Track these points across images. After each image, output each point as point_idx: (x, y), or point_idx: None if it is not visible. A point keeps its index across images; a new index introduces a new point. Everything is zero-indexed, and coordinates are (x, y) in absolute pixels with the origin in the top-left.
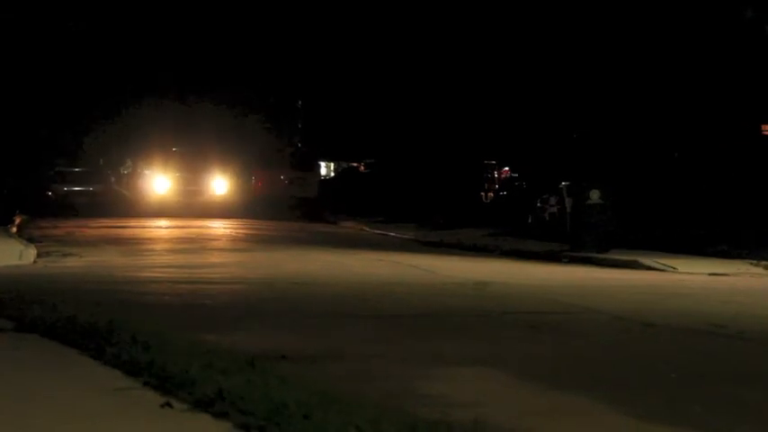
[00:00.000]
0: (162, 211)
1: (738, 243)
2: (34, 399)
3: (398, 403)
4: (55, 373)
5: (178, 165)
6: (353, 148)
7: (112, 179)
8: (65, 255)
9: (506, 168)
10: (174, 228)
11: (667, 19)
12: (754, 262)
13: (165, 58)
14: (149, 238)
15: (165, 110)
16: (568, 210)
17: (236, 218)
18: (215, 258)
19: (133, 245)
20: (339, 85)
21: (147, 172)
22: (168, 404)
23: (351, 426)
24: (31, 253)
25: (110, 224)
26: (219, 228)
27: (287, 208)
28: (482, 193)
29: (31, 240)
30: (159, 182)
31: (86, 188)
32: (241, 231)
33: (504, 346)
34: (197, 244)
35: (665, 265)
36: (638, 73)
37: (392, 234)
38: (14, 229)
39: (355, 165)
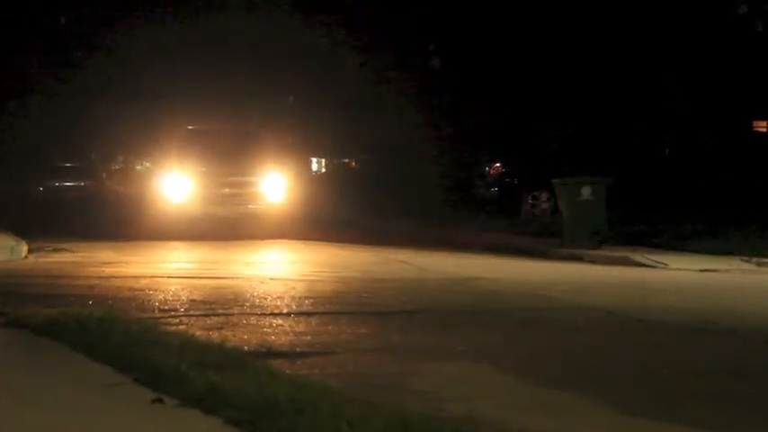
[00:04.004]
0: (175, 231)
1: (730, 239)
2: (26, 394)
3: (390, 398)
4: (46, 369)
5: (201, 154)
6: (345, 143)
7: (104, 174)
8: (56, 250)
9: (497, 164)
10: None
11: (660, 15)
12: (746, 258)
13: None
14: None
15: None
16: (560, 206)
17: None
18: (203, 261)
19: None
20: (332, 79)
21: (144, 165)
22: (160, 399)
23: (342, 421)
24: (22, 248)
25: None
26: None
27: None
28: (473, 190)
29: (22, 236)
30: (171, 184)
31: (78, 183)
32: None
33: (496, 341)
34: None
35: (656, 261)
36: (631, 69)
37: (382, 230)
38: None
39: (346, 161)
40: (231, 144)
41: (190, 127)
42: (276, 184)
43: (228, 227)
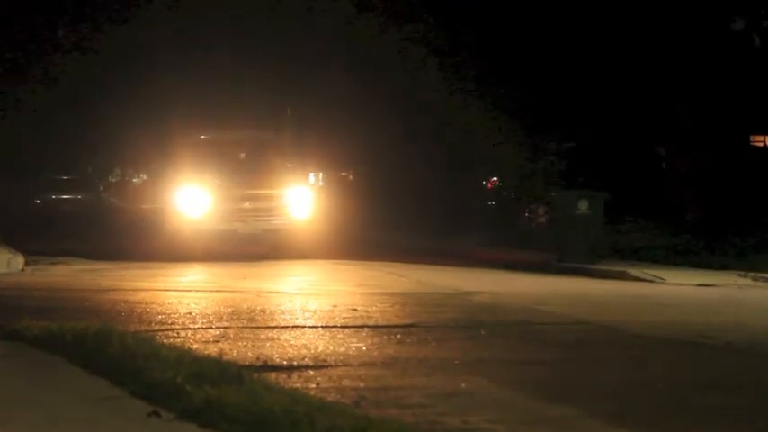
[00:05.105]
0: (183, 249)
1: (727, 253)
2: (21, 407)
3: (386, 412)
4: (42, 382)
5: (216, 164)
6: (343, 156)
7: (100, 187)
8: (53, 263)
9: (494, 178)
10: None
11: (659, 31)
12: (742, 273)
13: None
14: None
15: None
16: (557, 220)
17: None
18: (200, 273)
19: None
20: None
21: (141, 178)
22: (155, 413)
23: None
24: (18, 261)
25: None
26: None
27: None
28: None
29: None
30: (184, 198)
31: (74, 196)
32: None
33: (493, 355)
34: None
35: (653, 275)
36: (628, 83)
37: (379, 242)
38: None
39: (344, 174)
40: (249, 154)
41: (202, 136)
42: (300, 198)
43: (247, 245)
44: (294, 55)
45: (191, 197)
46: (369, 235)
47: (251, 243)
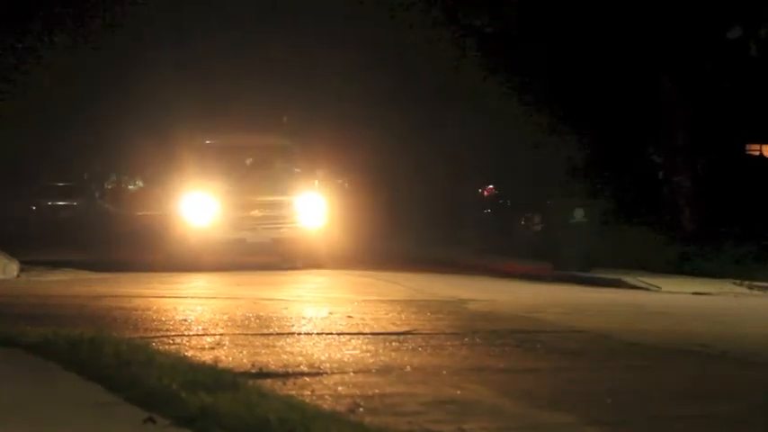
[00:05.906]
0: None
1: (722, 262)
2: (16, 413)
3: (381, 419)
4: (38, 388)
5: (223, 171)
6: (339, 164)
7: (96, 194)
8: (49, 269)
9: (491, 186)
10: None
11: (654, 39)
12: (738, 281)
13: None
14: None
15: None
16: (553, 228)
17: None
18: (196, 280)
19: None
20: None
21: (137, 185)
22: (151, 419)
23: None
24: (14, 267)
25: None
26: None
27: None
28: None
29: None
30: (190, 205)
31: (70, 203)
32: None
33: (488, 363)
34: None
35: (648, 283)
36: (624, 91)
37: (375, 250)
38: None
39: (339, 182)
40: (257, 160)
41: (208, 141)
42: (311, 205)
43: (255, 255)
44: (291, 61)
45: (197, 204)
46: (365, 243)
47: (259, 252)
